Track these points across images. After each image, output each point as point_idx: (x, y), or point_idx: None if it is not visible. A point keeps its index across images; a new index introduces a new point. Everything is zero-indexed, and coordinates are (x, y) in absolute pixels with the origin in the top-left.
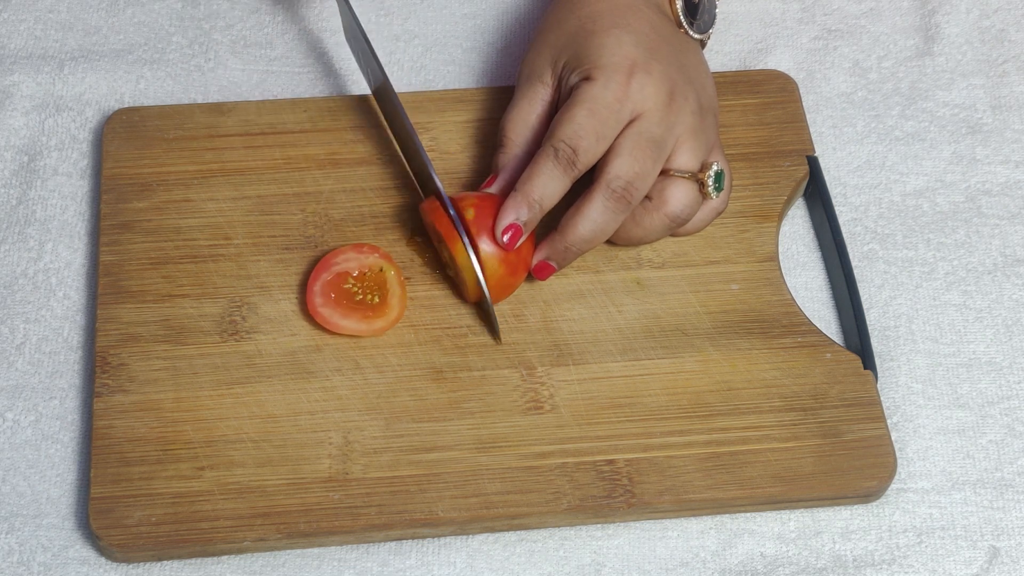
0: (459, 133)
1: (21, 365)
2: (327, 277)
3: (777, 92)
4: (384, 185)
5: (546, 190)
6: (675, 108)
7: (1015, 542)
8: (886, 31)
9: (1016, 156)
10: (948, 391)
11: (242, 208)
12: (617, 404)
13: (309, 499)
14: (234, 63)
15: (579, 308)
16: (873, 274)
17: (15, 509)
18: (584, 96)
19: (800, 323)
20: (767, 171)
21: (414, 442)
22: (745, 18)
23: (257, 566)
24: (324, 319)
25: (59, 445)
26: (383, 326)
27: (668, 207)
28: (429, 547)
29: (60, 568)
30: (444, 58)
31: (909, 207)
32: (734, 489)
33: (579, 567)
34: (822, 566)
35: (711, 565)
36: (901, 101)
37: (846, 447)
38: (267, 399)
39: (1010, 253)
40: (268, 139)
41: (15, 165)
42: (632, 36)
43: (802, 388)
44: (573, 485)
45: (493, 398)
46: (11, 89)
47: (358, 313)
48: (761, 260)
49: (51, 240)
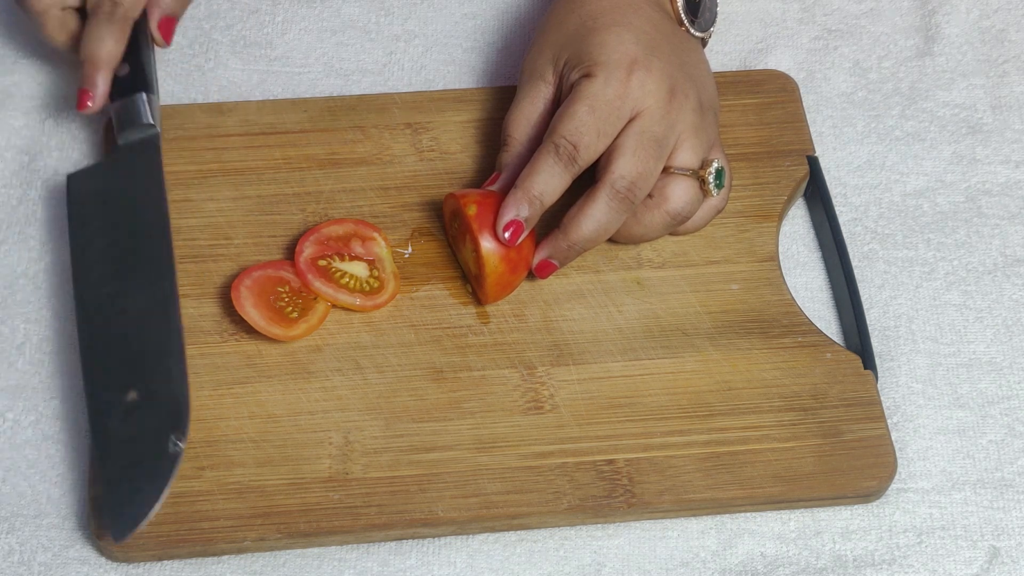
0: (459, 133)
1: (21, 365)
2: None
3: (777, 92)
4: (384, 185)
5: (547, 186)
6: (676, 106)
7: (1015, 542)
8: (886, 31)
9: (1016, 156)
10: (948, 391)
11: (242, 208)
12: (617, 404)
13: (309, 499)
14: (234, 63)
15: (579, 308)
16: (873, 274)
17: (15, 509)
18: (585, 93)
19: (800, 323)
20: (767, 171)
21: (414, 442)
22: (745, 18)
23: (257, 566)
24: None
25: (59, 445)
26: (301, 333)
27: (669, 204)
28: (429, 547)
29: (60, 568)
30: (444, 58)
31: (909, 207)
32: (734, 489)
33: (579, 567)
34: (822, 566)
35: (711, 565)
36: (901, 101)
37: (846, 447)
38: (267, 399)
39: (1010, 253)
40: (268, 139)
41: (15, 165)
42: (633, 34)
43: (802, 388)
44: (573, 485)
45: (493, 398)
46: (11, 89)
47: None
48: (761, 260)
49: (51, 240)
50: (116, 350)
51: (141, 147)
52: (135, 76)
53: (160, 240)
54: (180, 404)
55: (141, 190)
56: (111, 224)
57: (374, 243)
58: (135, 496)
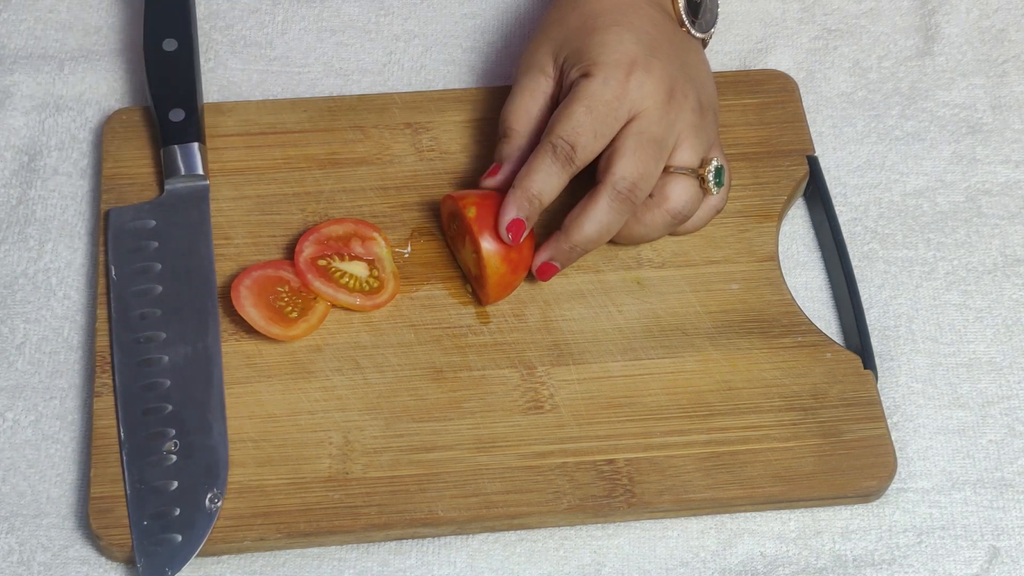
0: (459, 133)
1: (21, 365)
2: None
3: (777, 92)
4: (384, 185)
5: (544, 185)
6: (675, 106)
7: (1015, 542)
8: (886, 31)
9: (1016, 156)
10: (948, 391)
11: (242, 208)
12: (617, 404)
13: (309, 499)
14: (234, 63)
15: (579, 308)
16: (873, 274)
17: (15, 509)
18: (583, 93)
19: (800, 323)
20: (767, 171)
21: (414, 442)
22: (745, 18)
23: (257, 566)
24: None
25: (59, 445)
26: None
27: (670, 203)
28: (429, 547)
29: (60, 568)
30: (444, 58)
31: (909, 207)
32: (734, 489)
33: (579, 567)
34: (822, 566)
35: (711, 565)
36: (901, 101)
37: (846, 447)
38: (267, 399)
39: (1010, 253)
40: (268, 139)
41: (15, 165)
42: (633, 34)
43: (802, 388)
44: (573, 485)
45: (493, 398)
46: (11, 89)
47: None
48: (761, 260)
49: (51, 240)
50: (156, 398)
51: (190, 196)
52: (189, 124)
53: (206, 293)
54: (219, 461)
55: (189, 239)
56: (155, 269)
57: (374, 243)
58: (170, 549)
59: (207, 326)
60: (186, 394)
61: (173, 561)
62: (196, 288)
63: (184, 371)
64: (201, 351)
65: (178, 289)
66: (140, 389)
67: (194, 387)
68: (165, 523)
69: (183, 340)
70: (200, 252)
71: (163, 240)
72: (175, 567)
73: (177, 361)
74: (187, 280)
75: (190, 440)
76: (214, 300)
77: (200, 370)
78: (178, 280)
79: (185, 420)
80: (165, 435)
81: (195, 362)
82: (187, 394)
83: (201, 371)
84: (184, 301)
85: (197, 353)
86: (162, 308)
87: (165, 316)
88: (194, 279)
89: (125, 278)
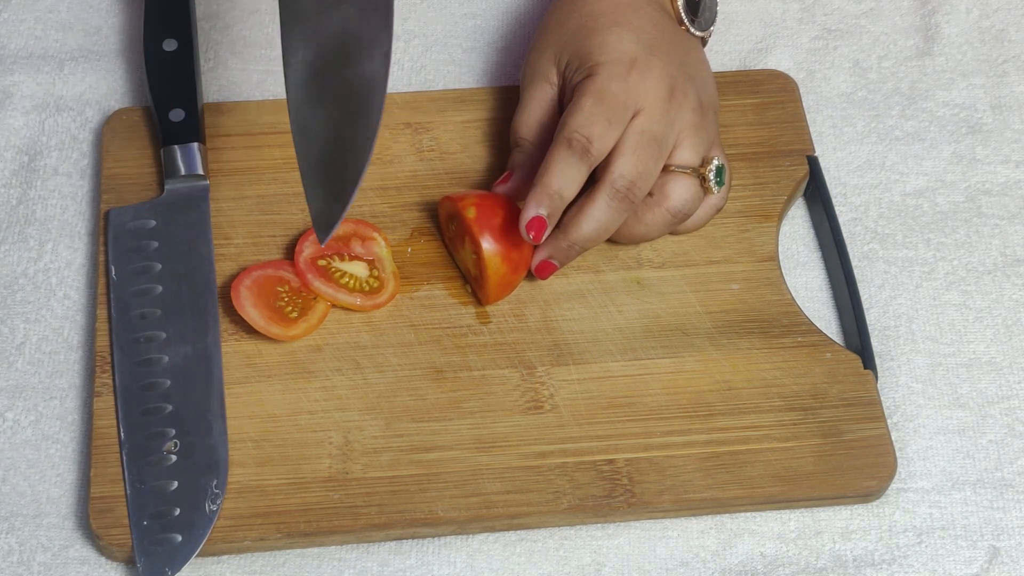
0: (459, 133)
1: (21, 365)
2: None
3: (777, 92)
4: (384, 185)
5: (564, 179)
6: (675, 105)
7: (1015, 542)
8: (886, 31)
9: (1016, 156)
10: (948, 391)
11: (242, 208)
12: (617, 404)
13: (309, 499)
14: (234, 63)
15: (579, 308)
16: (873, 274)
17: (15, 509)
18: (588, 89)
19: (800, 323)
20: (767, 171)
21: (414, 442)
22: (745, 18)
23: (257, 566)
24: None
25: (59, 445)
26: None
27: (670, 202)
28: (429, 547)
29: (60, 568)
30: (444, 58)
31: (909, 207)
32: (734, 489)
33: (579, 567)
34: (822, 566)
35: (711, 565)
36: (901, 101)
37: (846, 447)
38: (267, 399)
39: (1010, 253)
40: (268, 139)
41: (15, 165)
42: (633, 34)
43: (802, 388)
44: (573, 485)
45: (493, 398)
46: (11, 89)
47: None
48: (761, 260)
49: (51, 240)
50: (156, 398)
51: (190, 196)
52: (189, 124)
53: (206, 293)
54: (219, 460)
55: (189, 239)
56: (155, 268)
57: (374, 243)
58: (169, 549)
59: (207, 326)
60: (186, 394)
61: (173, 561)
62: (196, 288)
63: (184, 371)
64: (201, 351)
65: (178, 289)
66: (140, 389)
67: (194, 387)
68: (165, 523)
69: (183, 340)
70: (200, 252)
71: (163, 240)
72: (175, 567)
73: (177, 361)
74: (187, 280)
75: (190, 440)
76: (214, 300)
77: (200, 370)
78: (178, 280)
79: (185, 420)
80: (165, 435)
81: (195, 362)
82: (187, 394)
83: (201, 371)
84: (184, 301)
85: (197, 353)
86: (162, 308)
87: (165, 316)
88: (194, 279)
89: (125, 278)
